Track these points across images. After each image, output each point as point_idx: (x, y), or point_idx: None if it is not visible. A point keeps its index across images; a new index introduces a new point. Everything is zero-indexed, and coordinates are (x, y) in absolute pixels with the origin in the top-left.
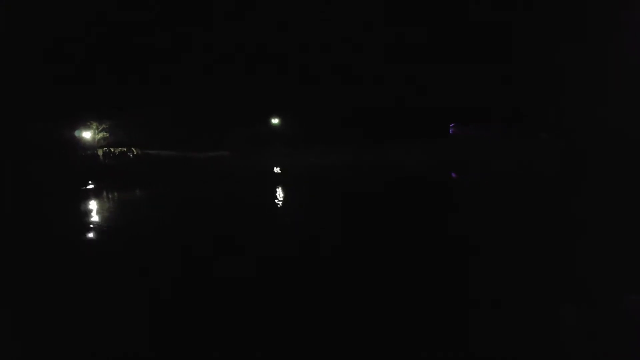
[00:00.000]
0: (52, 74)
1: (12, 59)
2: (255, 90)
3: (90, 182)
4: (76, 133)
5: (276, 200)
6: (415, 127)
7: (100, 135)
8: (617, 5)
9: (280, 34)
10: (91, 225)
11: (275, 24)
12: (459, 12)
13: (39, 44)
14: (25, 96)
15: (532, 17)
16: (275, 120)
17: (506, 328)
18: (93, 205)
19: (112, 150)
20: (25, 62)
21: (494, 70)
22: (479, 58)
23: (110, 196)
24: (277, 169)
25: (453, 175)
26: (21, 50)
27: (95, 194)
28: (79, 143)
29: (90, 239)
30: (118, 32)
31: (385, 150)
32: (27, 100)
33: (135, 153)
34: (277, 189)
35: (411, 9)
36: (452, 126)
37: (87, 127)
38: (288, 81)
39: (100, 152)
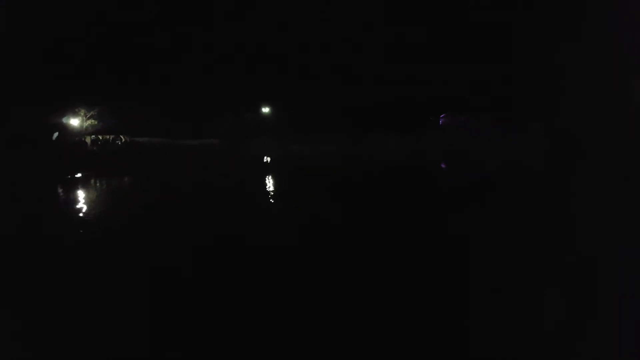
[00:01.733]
0: (39, 61)
1: None
2: (245, 81)
3: (77, 170)
4: (64, 120)
5: (267, 190)
6: (405, 119)
7: (89, 122)
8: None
9: (274, 29)
10: (75, 220)
11: (271, 20)
12: (445, 10)
13: (21, 30)
14: (10, 83)
15: (519, 14)
16: (265, 109)
17: (499, 321)
18: (78, 196)
19: (101, 137)
20: (9, 50)
21: (487, 64)
22: (468, 52)
23: (98, 186)
24: (267, 158)
25: (442, 165)
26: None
27: (82, 184)
28: (67, 130)
29: (72, 235)
30: (108, 18)
31: (375, 141)
32: (11, 87)
33: (124, 140)
34: (268, 178)
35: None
36: (442, 117)
37: (75, 114)
38: (278, 73)
39: (88, 140)
